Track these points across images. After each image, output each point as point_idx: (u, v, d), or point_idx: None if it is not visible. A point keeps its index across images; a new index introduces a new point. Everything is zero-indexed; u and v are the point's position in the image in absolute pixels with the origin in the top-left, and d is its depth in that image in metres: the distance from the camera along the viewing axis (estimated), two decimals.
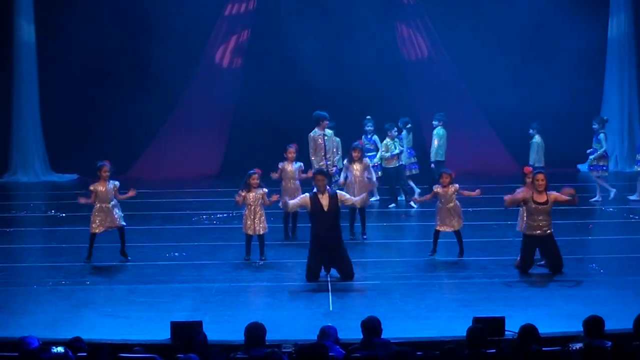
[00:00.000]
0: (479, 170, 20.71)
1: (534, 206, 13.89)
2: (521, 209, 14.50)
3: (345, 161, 17.01)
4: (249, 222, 14.91)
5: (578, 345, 8.69)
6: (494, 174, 21.96)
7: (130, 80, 23.85)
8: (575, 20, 22.91)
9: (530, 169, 15.09)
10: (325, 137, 17.62)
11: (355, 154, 16.61)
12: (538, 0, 23.60)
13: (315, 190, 13.94)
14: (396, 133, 19.36)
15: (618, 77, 24.46)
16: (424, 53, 24.80)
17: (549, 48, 23.69)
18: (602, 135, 19.59)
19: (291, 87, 23.65)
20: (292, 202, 14.30)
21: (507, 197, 14.25)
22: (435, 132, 20.12)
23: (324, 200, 13.79)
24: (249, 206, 14.90)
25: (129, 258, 14.86)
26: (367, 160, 16.95)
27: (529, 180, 14.34)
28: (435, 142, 19.99)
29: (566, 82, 23.07)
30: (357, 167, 16.60)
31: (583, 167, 22.30)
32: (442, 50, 24.65)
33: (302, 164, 16.73)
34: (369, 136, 19.54)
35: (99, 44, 23.72)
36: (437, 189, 15.00)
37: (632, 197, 19.74)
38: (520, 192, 14.22)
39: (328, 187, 14.04)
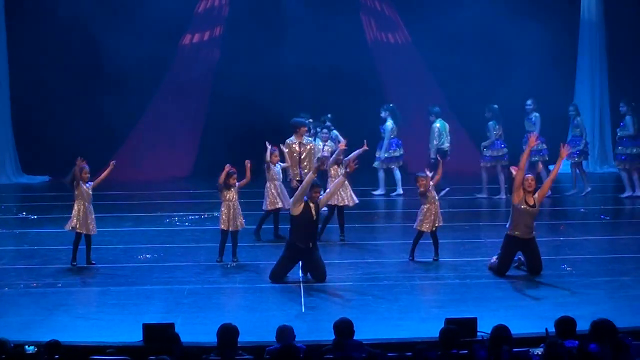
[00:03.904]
0: (449, 169, 20.66)
1: (523, 207, 13.69)
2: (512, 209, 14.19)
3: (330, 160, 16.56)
4: (224, 217, 14.79)
5: (538, 351, 8.73)
6: (463, 172, 21.95)
7: (101, 82, 23.73)
8: (546, 11, 22.98)
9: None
10: (302, 145, 16.94)
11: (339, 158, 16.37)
12: None
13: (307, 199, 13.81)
14: None
15: (589, 70, 24.52)
16: (393, 50, 24.89)
17: (517, 41, 23.49)
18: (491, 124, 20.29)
19: (264, 89, 23.58)
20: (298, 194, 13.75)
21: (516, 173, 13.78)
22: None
23: (314, 210, 13.71)
24: (228, 203, 14.84)
25: (94, 262, 14.76)
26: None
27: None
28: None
29: (534, 75, 22.94)
30: (334, 172, 16.33)
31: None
32: (412, 48, 24.75)
33: (282, 164, 16.59)
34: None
35: (70, 45, 23.64)
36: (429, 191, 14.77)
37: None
38: (517, 176, 13.71)
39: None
